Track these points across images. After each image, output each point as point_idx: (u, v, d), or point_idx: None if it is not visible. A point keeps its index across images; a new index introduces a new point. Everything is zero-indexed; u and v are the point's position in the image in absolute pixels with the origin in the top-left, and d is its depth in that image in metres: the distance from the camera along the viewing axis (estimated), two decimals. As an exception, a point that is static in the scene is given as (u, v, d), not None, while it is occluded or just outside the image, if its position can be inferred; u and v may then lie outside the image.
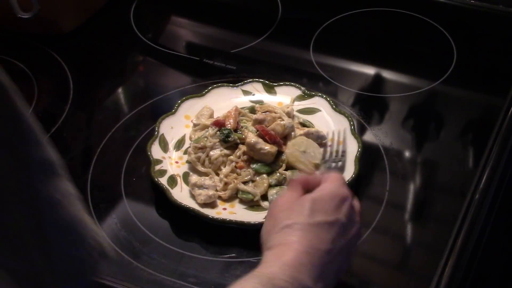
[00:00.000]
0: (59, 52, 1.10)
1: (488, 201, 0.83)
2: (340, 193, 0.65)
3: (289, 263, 0.59)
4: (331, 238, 0.62)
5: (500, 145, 0.89)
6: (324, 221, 0.63)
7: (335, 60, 1.08)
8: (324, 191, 0.65)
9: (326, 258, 0.61)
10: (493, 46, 1.09)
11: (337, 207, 0.64)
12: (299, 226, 0.62)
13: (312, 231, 0.62)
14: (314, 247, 0.61)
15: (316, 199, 0.64)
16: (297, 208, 0.64)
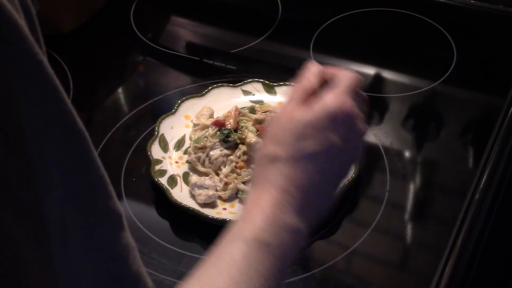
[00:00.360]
0: (59, 52, 1.10)
1: (488, 201, 0.83)
2: (335, 110, 0.56)
3: (271, 210, 0.54)
4: (319, 170, 0.56)
5: (500, 145, 0.89)
6: (311, 150, 0.55)
7: (335, 60, 1.08)
8: (312, 113, 0.56)
9: (313, 191, 0.56)
10: (493, 46, 1.09)
11: (328, 129, 0.55)
12: (282, 163, 0.55)
13: (297, 164, 0.55)
14: (299, 182, 0.55)
15: (308, 124, 0.56)
16: (285, 136, 0.56)
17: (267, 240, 0.52)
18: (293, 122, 0.56)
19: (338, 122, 0.56)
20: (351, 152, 0.59)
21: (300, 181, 0.55)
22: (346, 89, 0.58)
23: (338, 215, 0.82)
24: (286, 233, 0.53)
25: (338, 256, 0.78)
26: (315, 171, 0.55)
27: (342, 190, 0.81)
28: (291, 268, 0.77)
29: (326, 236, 0.81)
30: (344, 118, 0.56)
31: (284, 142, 0.56)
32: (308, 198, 0.55)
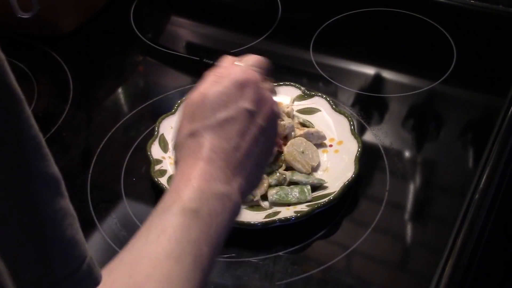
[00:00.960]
0: (59, 52, 1.11)
1: (488, 201, 0.83)
2: (240, 79, 0.60)
3: (196, 180, 0.55)
4: (237, 132, 0.58)
5: (500, 145, 0.89)
6: (225, 117, 0.58)
7: (335, 60, 1.08)
8: (221, 85, 0.60)
9: (236, 154, 0.58)
10: (493, 46, 1.09)
11: (238, 96, 0.60)
12: (200, 134, 0.58)
13: (214, 132, 0.58)
14: (220, 149, 0.57)
15: (217, 95, 0.59)
16: (199, 111, 0.59)
17: (194, 207, 0.53)
18: (205, 97, 0.60)
19: (245, 89, 0.60)
20: (266, 118, 0.61)
21: (220, 147, 0.57)
22: (250, 64, 0.63)
23: (338, 215, 0.82)
24: (213, 199, 0.55)
25: (338, 256, 0.78)
26: (234, 135, 0.58)
27: (342, 190, 0.81)
28: (291, 268, 0.77)
29: (326, 236, 0.81)
30: (250, 85, 0.60)
31: (199, 116, 0.59)
32: (232, 161, 0.57)
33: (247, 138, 0.59)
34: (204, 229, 0.53)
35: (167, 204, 0.54)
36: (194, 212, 0.53)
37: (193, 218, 0.52)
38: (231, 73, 0.61)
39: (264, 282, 0.76)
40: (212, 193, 0.55)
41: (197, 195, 0.54)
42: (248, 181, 0.59)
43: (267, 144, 0.62)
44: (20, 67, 1.08)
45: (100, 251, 0.80)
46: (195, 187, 0.55)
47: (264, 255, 0.78)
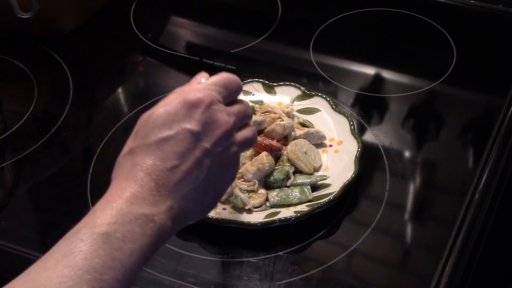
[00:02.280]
0: (59, 52, 1.11)
1: (488, 201, 0.83)
2: (190, 99, 0.58)
3: (116, 201, 0.53)
4: (175, 153, 0.56)
5: (500, 145, 0.89)
6: (165, 136, 0.56)
7: (335, 60, 1.08)
8: (170, 104, 0.58)
9: (170, 175, 0.55)
10: (493, 46, 1.09)
11: (184, 116, 0.57)
12: (136, 151, 0.56)
13: (150, 151, 0.56)
14: (153, 169, 0.55)
15: (162, 113, 0.58)
16: (141, 129, 0.58)
17: (104, 231, 0.50)
18: (151, 115, 0.58)
19: (193, 110, 0.58)
20: (215, 142, 0.59)
21: (153, 167, 0.55)
22: (210, 83, 0.61)
23: (338, 215, 0.82)
24: (132, 223, 0.52)
25: (338, 256, 0.78)
26: (171, 156, 0.56)
27: (342, 190, 0.81)
28: (291, 268, 0.77)
29: (326, 236, 0.81)
30: (200, 106, 0.58)
31: (140, 135, 0.57)
32: (165, 183, 0.55)
33: (187, 161, 0.56)
34: (114, 254, 0.49)
35: (79, 227, 0.51)
36: (103, 236, 0.50)
37: (101, 243, 0.49)
38: (184, 92, 0.60)
39: (264, 282, 0.76)
40: (132, 216, 0.52)
41: (112, 219, 0.51)
42: (182, 206, 0.56)
43: (217, 171, 0.59)
44: (20, 67, 1.08)
45: (100, 251, 0.80)
46: (114, 209, 0.52)
47: (264, 255, 0.78)
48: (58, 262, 0.48)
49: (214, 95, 0.60)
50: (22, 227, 0.85)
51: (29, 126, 1.00)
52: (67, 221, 0.85)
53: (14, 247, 0.81)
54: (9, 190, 0.94)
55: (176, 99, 0.59)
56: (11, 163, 0.94)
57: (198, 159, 0.57)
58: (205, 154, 0.58)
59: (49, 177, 0.91)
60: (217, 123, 0.59)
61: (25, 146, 0.95)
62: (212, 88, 0.61)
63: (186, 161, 0.56)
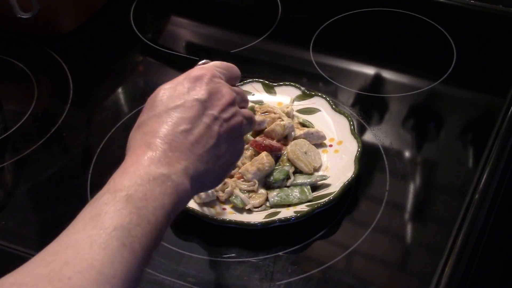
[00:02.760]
0: (59, 52, 1.11)
1: (488, 201, 0.83)
2: (194, 74, 0.63)
3: (132, 167, 0.55)
4: (185, 119, 0.59)
5: (500, 145, 0.89)
6: (174, 106, 0.60)
7: (335, 60, 1.08)
8: (175, 80, 0.63)
9: (182, 138, 0.58)
10: (493, 46, 1.09)
11: (189, 88, 0.62)
12: (146, 122, 0.60)
13: (160, 119, 0.59)
14: (164, 133, 0.58)
15: (165, 89, 0.62)
16: (149, 103, 0.62)
17: (126, 193, 0.52)
18: (158, 91, 0.63)
19: (197, 82, 0.62)
20: (221, 110, 0.62)
21: (164, 131, 0.58)
22: (212, 64, 0.67)
23: (338, 215, 0.82)
24: (151, 183, 0.54)
25: (338, 256, 0.78)
26: (181, 121, 0.59)
27: (342, 190, 0.81)
28: (291, 268, 0.77)
29: (326, 236, 0.81)
30: (204, 79, 0.63)
31: (149, 108, 0.61)
32: (177, 145, 0.57)
33: (197, 126, 0.60)
34: (139, 212, 0.51)
35: (100, 194, 0.53)
36: (125, 197, 0.52)
37: (124, 204, 0.51)
38: (190, 70, 0.64)
39: (264, 282, 0.76)
40: (150, 176, 0.54)
41: (131, 181, 0.53)
42: (197, 167, 0.59)
43: (227, 138, 0.62)
44: (20, 67, 1.08)
45: (100, 251, 0.80)
46: (131, 173, 0.54)
47: (264, 255, 0.78)
48: (86, 224, 0.51)
49: (216, 72, 0.65)
50: (22, 227, 0.85)
51: (29, 126, 1.00)
52: (67, 221, 0.84)
53: (14, 247, 0.81)
54: (9, 190, 0.94)
55: (180, 76, 0.63)
56: (11, 163, 0.94)
57: (207, 124, 0.60)
58: (213, 120, 0.61)
59: (49, 177, 0.91)
60: (221, 93, 0.63)
61: (25, 146, 0.95)
62: (214, 67, 0.66)
63: (196, 125, 0.60)
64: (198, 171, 0.59)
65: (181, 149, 0.58)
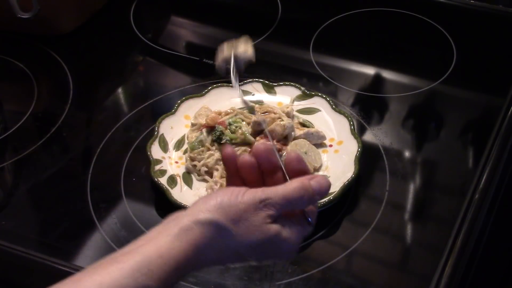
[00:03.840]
0: (59, 52, 1.11)
1: (487, 201, 0.83)
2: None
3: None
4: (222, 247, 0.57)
5: (500, 145, 0.89)
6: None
7: (335, 60, 1.08)
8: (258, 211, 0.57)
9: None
10: (493, 46, 1.09)
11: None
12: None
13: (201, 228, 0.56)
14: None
15: (242, 209, 0.57)
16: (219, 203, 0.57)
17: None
18: (237, 198, 0.57)
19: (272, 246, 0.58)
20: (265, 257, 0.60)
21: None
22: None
23: (338, 215, 0.82)
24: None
25: (338, 256, 0.78)
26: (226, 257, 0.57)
27: (342, 190, 0.81)
28: (291, 268, 0.77)
29: (326, 236, 0.81)
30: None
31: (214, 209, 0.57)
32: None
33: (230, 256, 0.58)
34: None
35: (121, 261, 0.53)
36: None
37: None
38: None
39: (264, 282, 0.76)
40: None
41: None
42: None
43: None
44: (20, 67, 1.08)
45: (100, 251, 0.80)
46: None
47: (264, 255, 0.78)
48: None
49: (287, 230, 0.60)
50: (22, 227, 0.85)
51: (29, 126, 1.00)
52: (67, 221, 0.85)
53: (14, 247, 0.81)
54: (9, 190, 0.94)
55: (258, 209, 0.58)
56: (11, 163, 0.94)
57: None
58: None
59: (49, 177, 0.92)
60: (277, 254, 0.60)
61: (25, 146, 0.95)
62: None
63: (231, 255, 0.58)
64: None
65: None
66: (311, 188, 0.59)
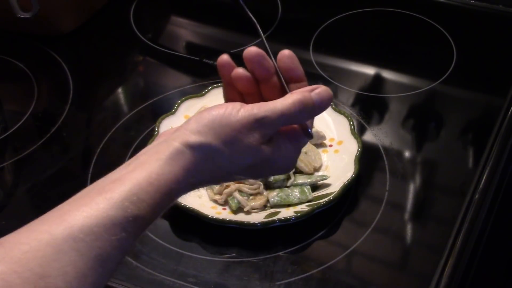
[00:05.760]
0: (59, 52, 1.10)
1: (487, 201, 0.83)
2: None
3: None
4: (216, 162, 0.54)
5: (500, 145, 0.89)
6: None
7: (335, 60, 1.08)
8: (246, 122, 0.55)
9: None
10: (493, 46, 1.09)
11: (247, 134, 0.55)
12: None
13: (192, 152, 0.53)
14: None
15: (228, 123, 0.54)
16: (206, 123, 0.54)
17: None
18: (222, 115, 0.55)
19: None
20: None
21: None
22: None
23: (338, 215, 0.82)
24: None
25: (338, 256, 0.78)
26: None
27: (342, 190, 0.81)
28: (291, 268, 0.77)
29: (326, 236, 0.81)
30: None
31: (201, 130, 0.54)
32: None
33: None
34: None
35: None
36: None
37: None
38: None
39: (264, 282, 0.76)
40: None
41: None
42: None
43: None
44: (20, 67, 1.08)
45: (100, 251, 0.80)
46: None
47: (264, 255, 0.78)
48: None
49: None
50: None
51: (29, 126, 1.00)
52: (67, 221, 0.85)
53: (14, 247, 0.81)
54: (9, 190, 0.94)
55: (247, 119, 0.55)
56: (11, 163, 0.94)
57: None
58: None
59: (49, 177, 0.91)
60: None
61: (25, 146, 0.95)
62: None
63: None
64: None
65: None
66: (312, 101, 0.56)
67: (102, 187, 0.50)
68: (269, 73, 0.58)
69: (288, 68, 0.58)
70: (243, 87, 0.59)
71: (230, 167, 0.55)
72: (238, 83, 0.58)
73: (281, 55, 0.59)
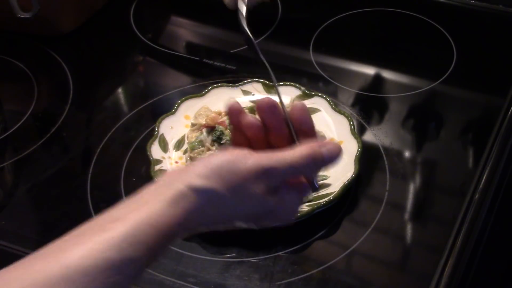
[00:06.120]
0: (59, 52, 1.10)
1: (488, 201, 0.83)
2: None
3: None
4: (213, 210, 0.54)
5: (500, 145, 0.89)
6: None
7: (335, 60, 1.08)
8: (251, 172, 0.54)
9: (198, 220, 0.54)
10: (493, 46, 1.09)
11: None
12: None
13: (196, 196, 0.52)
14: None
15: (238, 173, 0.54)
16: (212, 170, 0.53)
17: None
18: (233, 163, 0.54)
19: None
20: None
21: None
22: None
23: (338, 215, 0.82)
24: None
25: (338, 256, 0.78)
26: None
27: (342, 190, 0.81)
28: (291, 268, 0.77)
29: (326, 236, 0.81)
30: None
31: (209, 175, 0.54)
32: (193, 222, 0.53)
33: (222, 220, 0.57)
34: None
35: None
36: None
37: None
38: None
39: (264, 282, 0.76)
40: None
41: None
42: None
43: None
44: (20, 67, 1.08)
45: (100, 251, 0.80)
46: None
47: (264, 255, 0.78)
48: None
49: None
50: (22, 227, 0.85)
51: (29, 126, 1.00)
52: (67, 221, 0.85)
53: (14, 247, 0.81)
54: (9, 190, 0.94)
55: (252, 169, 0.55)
56: (11, 163, 0.94)
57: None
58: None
59: (49, 177, 0.91)
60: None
61: (25, 146, 0.95)
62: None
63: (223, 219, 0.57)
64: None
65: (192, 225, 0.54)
66: (321, 156, 0.55)
67: (102, 226, 0.50)
68: (280, 123, 0.58)
69: (300, 120, 0.59)
70: (252, 134, 0.59)
71: (232, 215, 0.55)
72: (248, 130, 0.59)
73: (293, 107, 0.59)
